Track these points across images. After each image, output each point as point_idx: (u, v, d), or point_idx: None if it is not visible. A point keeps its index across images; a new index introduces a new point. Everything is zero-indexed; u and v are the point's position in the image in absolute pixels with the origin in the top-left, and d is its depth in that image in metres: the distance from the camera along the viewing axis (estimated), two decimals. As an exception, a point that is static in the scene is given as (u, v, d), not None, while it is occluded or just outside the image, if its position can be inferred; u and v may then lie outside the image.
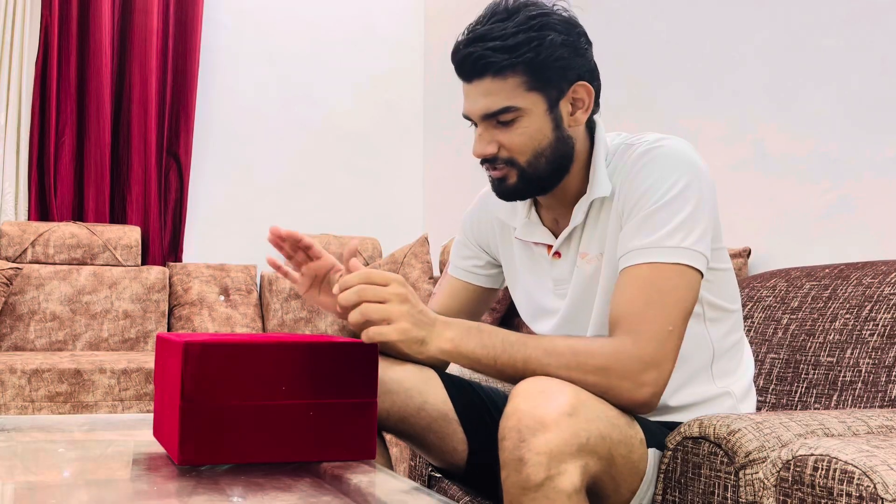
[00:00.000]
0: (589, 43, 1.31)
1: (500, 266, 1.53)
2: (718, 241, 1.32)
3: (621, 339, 1.17)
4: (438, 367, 1.48)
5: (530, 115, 1.27)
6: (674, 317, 1.18)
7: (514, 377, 1.18)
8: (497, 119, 1.27)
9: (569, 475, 1.05)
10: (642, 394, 1.15)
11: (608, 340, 1.19)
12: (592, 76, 1.31)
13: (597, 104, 1.33)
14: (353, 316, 1.14)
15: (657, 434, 1.23)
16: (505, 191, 1.32)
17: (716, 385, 1.36)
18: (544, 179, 1.30)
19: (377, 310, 1.13)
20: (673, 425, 1.32)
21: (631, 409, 1.18)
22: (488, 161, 1.30)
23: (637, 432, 1.18)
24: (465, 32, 1.29)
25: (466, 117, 1.32)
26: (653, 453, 1.20)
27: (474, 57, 1.26)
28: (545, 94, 1.27)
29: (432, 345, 1.17)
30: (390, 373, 1.36)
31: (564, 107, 1.29)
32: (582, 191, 1.33)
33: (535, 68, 1.25)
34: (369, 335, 1.13)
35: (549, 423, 1.06)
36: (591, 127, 1.35)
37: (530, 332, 1.42)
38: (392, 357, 1.41)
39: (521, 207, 1.41)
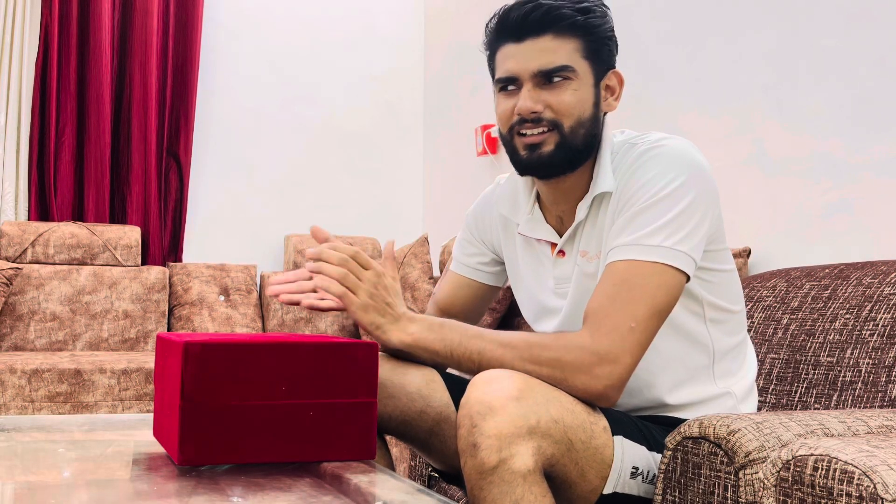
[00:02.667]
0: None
1: (504, 264, 1.52)
2: (721, 241, 1.32)
3: (581, 334, 1.20)
4: (437, 366, 1.48)
5: (581, 81, 1.28)
6: (639, 313, 1.18)
7: (472, 369, 1.22)
8: (552, 77, 1.26)
9: (521, 456, 1.08)
10: (597, 386, 1.17)
11: (566, 334, 1.21)
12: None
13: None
14: (331, 270, 1.24)
15: (626, 424, 1.24)
16: (539, 159, 1.29)
17: (717, 385, 1.36)
18: (578, 153, 1.29)
19: (352, 280, 1.25)
20: (672, 421, 1.32)
21: (590, 401, 1.19)
22: (529, 122, 1.27)
23: (599, 419, 1.19)
24: None
25: (507, 80, 1.29)
26: (619, 441, 1.20)
27: (545, 9, 1.25)
28: (594, 68, 1.30)
29: (391, 335, 1.26)
30: (392, 376, 1.36)
31: (603, 88, 1.32)
32: (586, 188, 1.34)
33: (595, 38, 1.28)
34: (335, 290, 1.24)
35: (496, 407, 1.09)
36: None
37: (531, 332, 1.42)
38: (394, 359, 1.41)
39: (525, 204, 1.41)
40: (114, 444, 1.38)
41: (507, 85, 1.30)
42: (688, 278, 1.23)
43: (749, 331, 1.77)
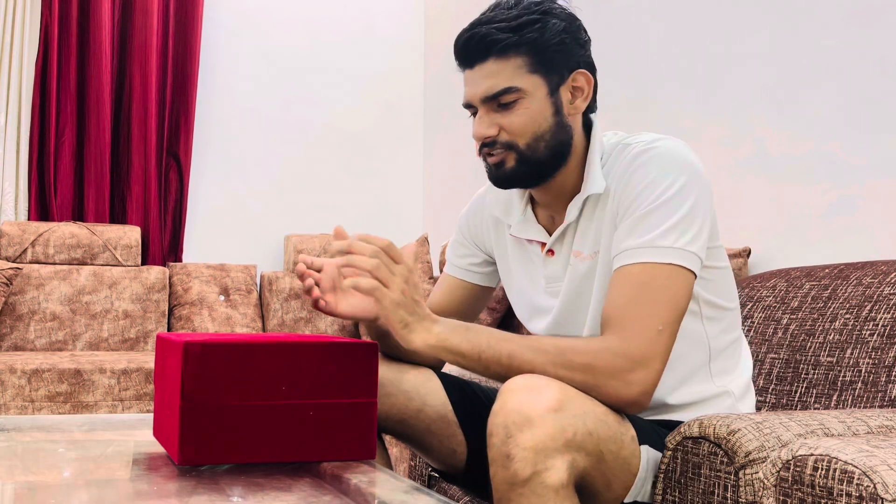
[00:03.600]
0: (588, 38, 1.34)
1: (496, 264, 1.53)
2: (715, 239, 1.32)
3: (609, 338, 1.18)
4: (435, 366, 1.48)
5: (531, 97, 1.28)
6: (664, 316, 1.18)
7: (500, 373, 1.19)
8: (498, 101, 1.28)
9: (556, 470, 1.06)
10: (631, 392, 1.15)
11: (596, 339, 1.19)
12: (591, 69, 1.33)
13: (594, 101, 1.34)
14: (363, 261, 1.16)
15: (649, 432, 1.23)
16: (503, 176, 1.31)
17: (714, 384, 1.36)
18: (543, 165, 1.30)
19: (385, 272, 1.16)
20: (672, 423, 1.32)
21: (621, 408, 1.18)
22: (487, 145, 1.30)
23: (628, 429, 1.18)
24: (469, 24, 1.31)
25: (467, 106, 1.33)
26: (645, 450, 1.20)
27: (479, 37, 1.27)
28: (546, 78, 1.29)
29: (416, 335, 1.18)
30: (389, 375, 1.36)
31: (564, 94, 1.31)
32: (577, 189, 1.34)
33: (537, 50, 1.27)
34: (366, 285, 1.15)
35: (534, 418, 1.06)
36: (587, 125, 1.36)
37: (528, 333, 1.42)
38: (391, 359, 1.41)
39: (517, 205, 1.41)
40: (114, 444, 1.38)
41: (470, 110, 1.33)
42: (695, 277, 1.23)
43: (749, 331, 1.77)
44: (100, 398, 3.03)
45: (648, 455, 1.20)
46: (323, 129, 4.46)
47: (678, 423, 1.33)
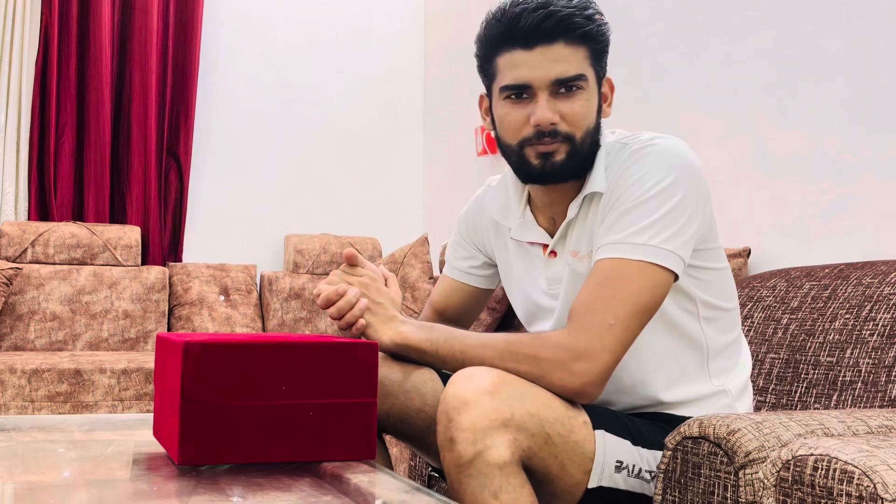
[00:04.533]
0: None
1: (496, 266, 1.53)
2: (714, 240, 1.32)
3: (560, 331, 1.21)
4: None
5: (591, 90, 1.28)
6: (620, 311, 1.19)
7: (455, 367, 1.25)
8: (569, 86, 1.25)
9: (496, 448, 1.11)
10: (574, 382, 1.18)
11: (545, 333, 1.23)
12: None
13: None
14: (323, 286, 1.37)
15: (608, 418, 1.25)
16: (552, 168, 1.27)
17: (712, 383, 1.36)
18: (584, 161, 1.30)
19: (342, 286, 1.35)
20: (669, 419, 1.33)
21: (570, 398, 1.20)
22: (548, 134, 1.26)
23: (578, 414, 1.20)
24: (525, 2, 1.24)
25: (518, 87, 1.26)
26: (601, 435, 1.21)
27: (558, 17, 1.22)
28: (597, 75, 1.29)
29: (383, 334, 1.32)
30: (390, 374, 1.37)
31: (603, 94, 1.33)
32: (580, 189, 1.34)
33: (600, 46, 1.28)
34: (330, 312, 1.35)
35: (470, 401, 1.12)
36: None
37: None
38: (391, 359, 1.42)
39: (516, 207, 1.41)
40: (114, 444, 1.38)
41: (518, 93, 1.27)
42: (676, 277, 1.23)
43: (749, 331, 1.77)
44: (100, 398, 3.04)
45: (605, 440, 1.21)
46: (323, 129, 4.46)
47: (670, 416, 1.34)
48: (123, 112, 4.03)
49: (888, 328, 1.50)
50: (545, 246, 1.38)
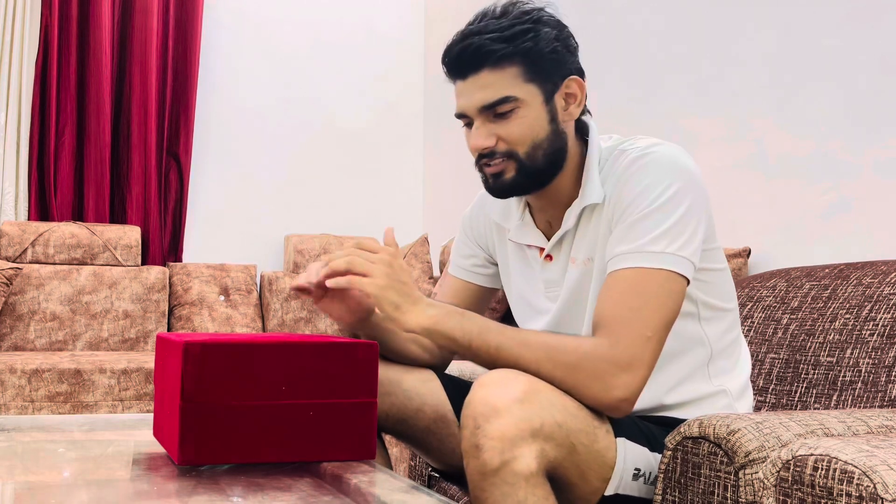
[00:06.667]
0: (577, 44, 1.34)
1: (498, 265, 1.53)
2: (713, 241, 1.33)
3: (599, 341, 1.18)
4: (438, 367, 1.48)
5: (528, 106, 1.28)
6: (654, 323, 1.18)
7: (488, 363, 1.21)
8: (495, 111, 1.27)
9: (524, 459, 1.08)
10: (611, 396, 1.16)
11: (585, 340, 1.20)
12: (581, 75, 1.34)
13: (586, 106, 1.35)
14: (338, 262, 1.21)
15: (629, 425, 1.24)
16: (502, 186, 1.31)
17: (712, 383, 1.36)
18: (542, 173, 1.30)
19: (361, 263, 1.20)
20: (669, 421, 1.32)
21: (602, 411, 1.19)
22: (486, 156, 1.30)
23: (602, 422, 1.19)
24: (458, 34, 1.30)
25: (461, 116, 1.32)
26: (622, 443, 1.20)
27: (473, 48, 1.26)
28: (541, 86, 1.29)
29: (410, 316, 1.20)
30: (389, 374, 1.37)
31: (559, 101, 1.31)
32: (574, 194, 1.34)
33: (532, 59, 1.27)
34: (344, 282, 1.20)
35: (500, 409, 1.09)
36: (583, 129, 1.36)
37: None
38: (391, 359, 1.41)
39: (515, 209, 1.42)
40: (114, 444, 1.38)
41: (466, 120, 1.32)
42: (688, 282, 1.23)
43: (749, 331, 1.77)
44: (100, 398, 3.04)
45: (626, 448, 1.21)
46: (323, 130, 4.46)
47: (672, 419, 1.34)
48: (123, 112, 4.03)
49: (888, 328, 1.50)
50: (542, 249, 1.39)
